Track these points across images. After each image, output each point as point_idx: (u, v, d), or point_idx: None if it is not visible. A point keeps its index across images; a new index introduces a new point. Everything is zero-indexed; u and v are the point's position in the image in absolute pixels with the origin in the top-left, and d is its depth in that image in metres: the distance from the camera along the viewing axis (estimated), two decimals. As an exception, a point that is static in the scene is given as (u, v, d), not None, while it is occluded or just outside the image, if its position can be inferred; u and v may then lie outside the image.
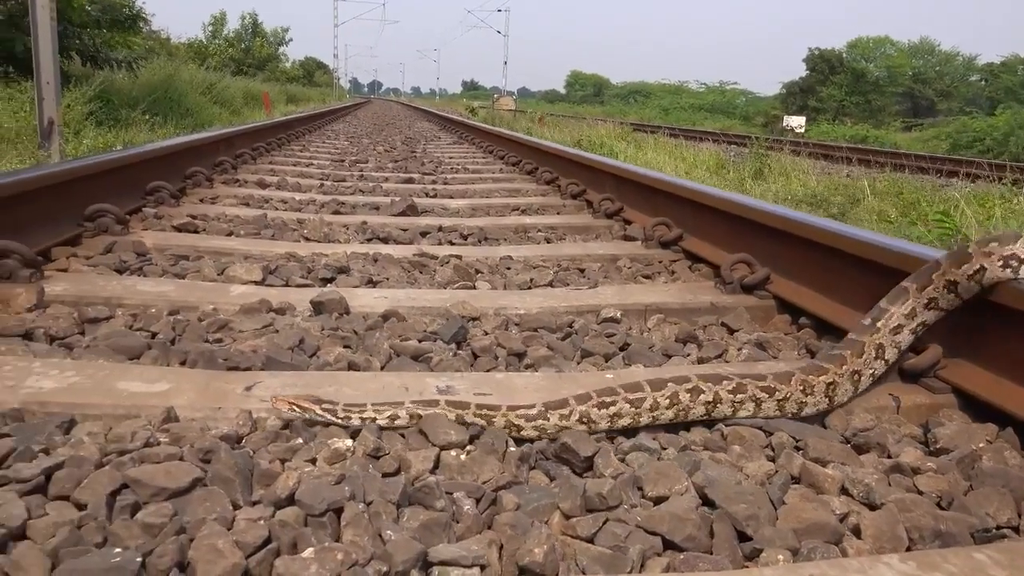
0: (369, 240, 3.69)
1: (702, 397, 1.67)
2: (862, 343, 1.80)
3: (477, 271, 3.06)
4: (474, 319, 2.45)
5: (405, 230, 3.90)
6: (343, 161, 7.68)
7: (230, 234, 3.63)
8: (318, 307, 2.45)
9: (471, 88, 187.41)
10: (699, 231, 3.43)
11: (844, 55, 60.88)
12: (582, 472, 1.51)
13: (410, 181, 6.18)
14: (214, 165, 5.62)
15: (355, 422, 1.59)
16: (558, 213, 4.83)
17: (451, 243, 3.73)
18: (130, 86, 15.67)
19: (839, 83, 58.31)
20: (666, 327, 2.44)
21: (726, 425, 1.69)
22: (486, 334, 2.32)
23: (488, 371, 2.04)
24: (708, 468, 1.47)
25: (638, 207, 4.24)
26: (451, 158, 8.63)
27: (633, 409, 1.63)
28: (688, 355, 2.23)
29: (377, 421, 1.60)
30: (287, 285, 2.77)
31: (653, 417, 1.65)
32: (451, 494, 1.36)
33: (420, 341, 2.22)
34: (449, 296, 2.68)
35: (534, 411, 1.60)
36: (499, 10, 61.67)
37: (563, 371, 2.05)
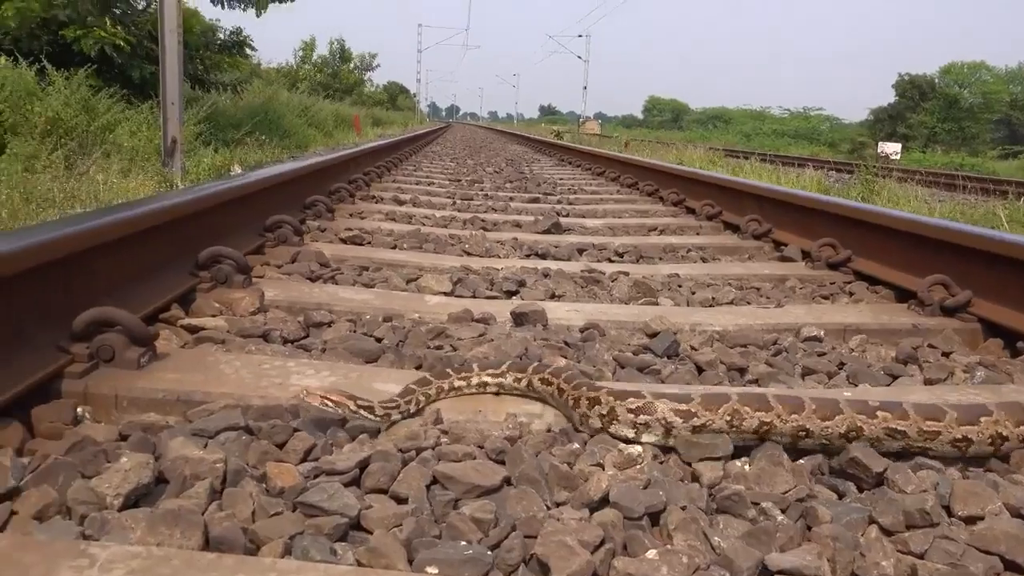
0: (528, 256, 3.72)
1: None
2: None
3: (654, 288, 3.05)
4: (673, 334, 2.43)
5: (557, 246, 3.92)
6: (459, 181, 7.79)
7: (394, 247, 3.71)
8: (519, 318, 2.47)
9: (548, 113, 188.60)
10: (872, 252, 3.34)
11: (936, 81, 59.09)
12: (871, 488, 1.47)
13: (536, 201, 6.22)
14: (349, 182, 5.76)
15: (395, 417, 1.62)
16: (697, 234, 4.79)
17: (610, 260, 3.73)
18: (233, 108, 16.32)
19: (931, 109, 56.57)
20: (880, 347, 2.38)
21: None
22: (694, 349, 2.30)
23: (716, 384, 2.02)
24: (1010, 489, 1.42)
25: (789, 228, 4.16)
26: (562, 179, 8.66)
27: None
28: (912, 376, 2.17)
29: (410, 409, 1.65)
30: (475, 296, 2.81)
31: None
32: (758, 504, 1.34)
33: (635, 354, 2.21)
34: (639, 311, 2.67)
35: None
36: (579, 35, 61.96)
37: (792, 387, 2.02)
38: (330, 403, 1.55)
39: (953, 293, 2.71)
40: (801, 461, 1.51)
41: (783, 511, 1.34)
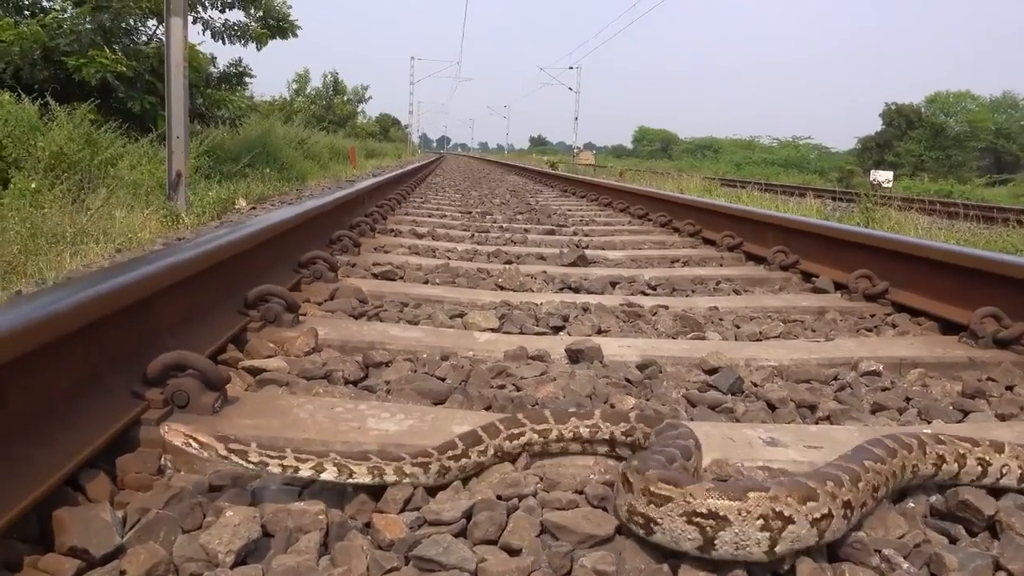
0: (562, 289, 3.70)
1: None
2: None
3: (698, 321, 3.02)
4: (734, 370, 2.40)
5: (587, 279, 3.90)
6: (470, 213, 7.79)
7: (426, 282, 3.68)
8: (575, 355, 2.44)
9: (539, 143, 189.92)
10: (912, 284, 3.32)
11: (922, 110, 59.83)
12: (981, 531, 1.43)
13: (552, 233, 6.22)
14: (366, 215, 5.74)
15: (273, 470, 1.38)
16: (720, 265, 4.78)
17: (644, 293, 3.71)
18: (230, 142, 16.33)
19: (918, 138, 57.23)
20: (941, 382, 2.36)
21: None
22: (756, 385, 2.27)
23: (789, 423, 1.99)
24: None
25: (818, 259, 4.15)
26: (570, 211, 8.67)
27: None
28: (982, 411, 2.14)
29: (300, 472, 1.38)
30: (523, 333, 2.78)
31: None
32: (879, 551, 1.30)
33: (701, 391, 2.18)
34: (691, 346, 2.64)
35: None
36: (570, 67, 62.63)
37: (867, 425, 1.99)
38: (194, 444, 1.35)
39: (1005, 325, 2.70)
40: (910, 504, 1.48)
41: (905, 557, 1.30)
